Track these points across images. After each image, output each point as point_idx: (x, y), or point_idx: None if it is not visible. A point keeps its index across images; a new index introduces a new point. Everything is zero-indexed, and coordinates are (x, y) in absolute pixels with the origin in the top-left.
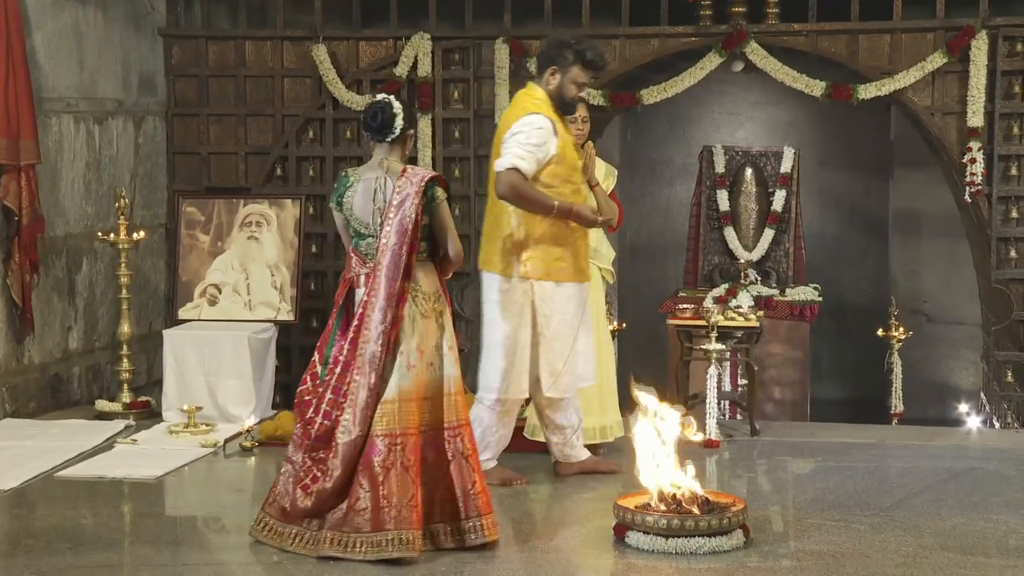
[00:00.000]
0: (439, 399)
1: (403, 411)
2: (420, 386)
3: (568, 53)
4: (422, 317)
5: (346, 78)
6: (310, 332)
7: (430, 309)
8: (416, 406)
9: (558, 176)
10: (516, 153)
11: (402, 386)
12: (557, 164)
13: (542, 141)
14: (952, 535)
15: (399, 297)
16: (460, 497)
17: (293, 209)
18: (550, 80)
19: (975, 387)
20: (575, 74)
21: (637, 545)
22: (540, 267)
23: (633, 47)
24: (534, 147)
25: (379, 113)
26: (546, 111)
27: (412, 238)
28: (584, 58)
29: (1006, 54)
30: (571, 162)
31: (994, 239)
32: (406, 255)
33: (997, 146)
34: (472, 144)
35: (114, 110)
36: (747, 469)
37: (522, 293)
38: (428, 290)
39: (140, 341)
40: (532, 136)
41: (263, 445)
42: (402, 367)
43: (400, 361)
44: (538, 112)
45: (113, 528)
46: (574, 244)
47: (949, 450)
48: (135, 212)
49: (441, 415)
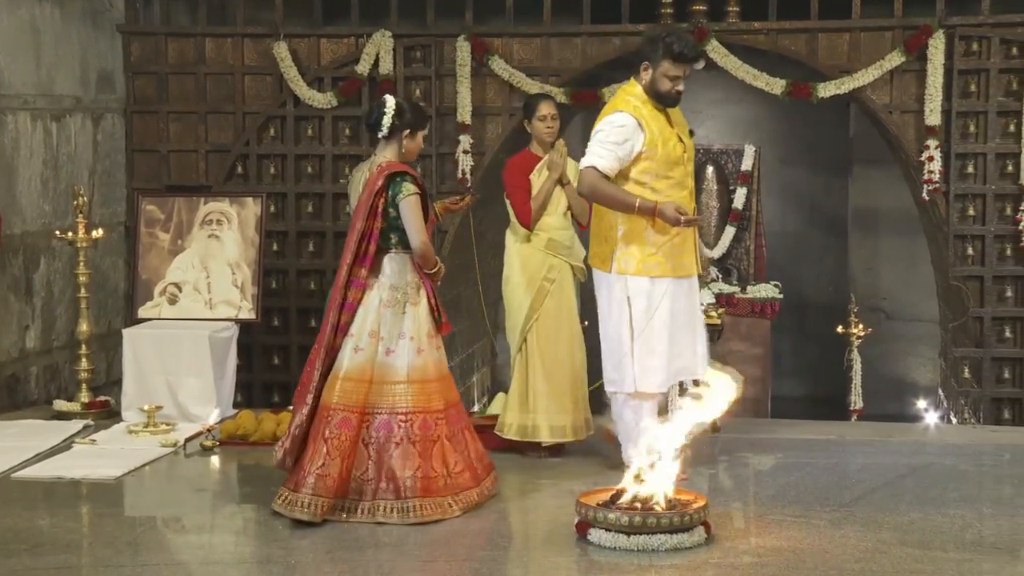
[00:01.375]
0: (390, 385)
1: (344, 389)
2: (365, 370)
3: (658, 47)
4: (384, 305)
5: (307, 76)
6: (271, 331)
7: (395, 298)
8: (362, 387)
9: (650, 172)
10: (595, 152)
11: (347, 366)
12: (647, 160)
13: (622, 139)
14: (910, 530)
15: (352, 281)
16: (403, 478)
17: (254, 207)
18: (643, 76)
19: (933, 383)
20: (665, 68)
21: (599, 542)
22: (632, 262)
23: (595, 45)
24: (614, 145)
25: (373, 111)
26: (632, 108)
27: (366, 227)
28: (672, 51)
29: (962, 53)
30: (666, 157)
31: (951, 236)
32: (356, 242)
33: (954, 144)
34: (434, 142)
35: (72, 107)
36: (708, 466)
37: (620, 288)
38: (396, 280)
39: (99, 340)
40: (612, 134)
41: (224, 444)
42: (348, 348)
43: (348, 343)
44: (623, 110)
45: (71, 529)
46: (671, 239)
47: (907, 446)
48: (94, 210)
49: (394, 400)
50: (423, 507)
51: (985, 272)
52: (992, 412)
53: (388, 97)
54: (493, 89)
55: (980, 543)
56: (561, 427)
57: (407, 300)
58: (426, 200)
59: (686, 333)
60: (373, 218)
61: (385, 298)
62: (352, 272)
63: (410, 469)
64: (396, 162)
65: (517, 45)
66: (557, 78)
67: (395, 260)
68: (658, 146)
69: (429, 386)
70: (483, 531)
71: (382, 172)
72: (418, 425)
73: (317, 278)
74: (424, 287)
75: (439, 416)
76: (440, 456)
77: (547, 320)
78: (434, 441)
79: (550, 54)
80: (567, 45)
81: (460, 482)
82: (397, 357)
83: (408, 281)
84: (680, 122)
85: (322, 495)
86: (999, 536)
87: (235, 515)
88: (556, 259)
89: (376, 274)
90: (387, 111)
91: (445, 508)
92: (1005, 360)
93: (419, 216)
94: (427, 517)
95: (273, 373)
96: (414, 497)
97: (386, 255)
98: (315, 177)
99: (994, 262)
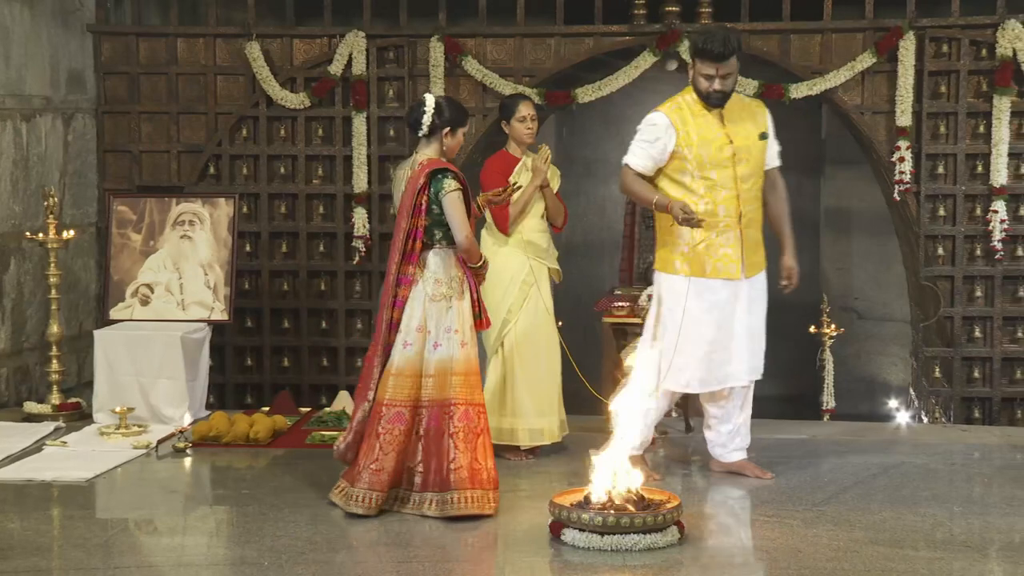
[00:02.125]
0: (443, 377)
1: (396, 384)
2: (415, 364)
3: (692, 48)
4: (431, 300)
5: (280, 76)
6: (244, 332)
7: (440, 294)
8: (412, 381)
9: (684, 171)
10: (631, 150)
11: (397, 362)
12: (680, 159)
13: (654, 138)
14: (882, 529)
15: (400, 278)
16: (445, 470)
17: (227, 208)
18: (689, 76)
19: (904, 383)
20: (699, 67)
21: (573, 543)
22: (667, 261)
23: (568, 46)
24: (646, 143)
25: (412, 110)
26: (669, 108)
27: (411, 224)
28: (697, 49)
29: (933, 55)
30: (702, 158)
31: (922, 236)
32: (402, 240)
33: (925, 145)
34: (407, 142)
35: (42, 107)
36: (682, 466)
37: (656, 285)
38: (441, 275)
39: (70, 342)
40: (645, 133)
41: (196, 446)
42: (398, 344)
43: (399, 339)
44: (659, 109)
45: (42, 532)
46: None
47: (879, 445)
48: (65, 211)
49: (442, 392)
50: (465, 499)
51: (955, 272)
52: (962, 411)
53: (428, 96)
54: (466, 89)
55: (951, 541)
56: (539, 430)
57: (453, 295)
58: (468, 195)
59: (730, 339)
60: (417, 216)
61: (431, 293)
62: (401, 270)
63: (456, 460)
64: (437, 159)
65: (490, 46)
66: (530, 79)
67: (440, 256)
68: (693, 146)
69: (472, 378)
70: (457, 532)
71: (424, 170)
72: (461, 416)
73: (290, 279)
74: (468, 282)
75: (480, 409)
76: (484, 448)
77: (524, 323)
78: (478, 433)
79: (523, 55)
80: (540, 45)
81: (495, 478)
82: (444, 350)
83: (453, 276)
84: (745, 123)
85: (376, 489)
86: (969, 534)
87: (208, 517)
88: (535, 261)
89: (422, 270)
90: (427, 110)
91: (484, 503)
92: (975, 360)
93: (462, 211)
94: (467, 510)
95: (246, 374)
96: (459, 489)
97: (431, 251)
98: (288, 178)
99: (964, 262)
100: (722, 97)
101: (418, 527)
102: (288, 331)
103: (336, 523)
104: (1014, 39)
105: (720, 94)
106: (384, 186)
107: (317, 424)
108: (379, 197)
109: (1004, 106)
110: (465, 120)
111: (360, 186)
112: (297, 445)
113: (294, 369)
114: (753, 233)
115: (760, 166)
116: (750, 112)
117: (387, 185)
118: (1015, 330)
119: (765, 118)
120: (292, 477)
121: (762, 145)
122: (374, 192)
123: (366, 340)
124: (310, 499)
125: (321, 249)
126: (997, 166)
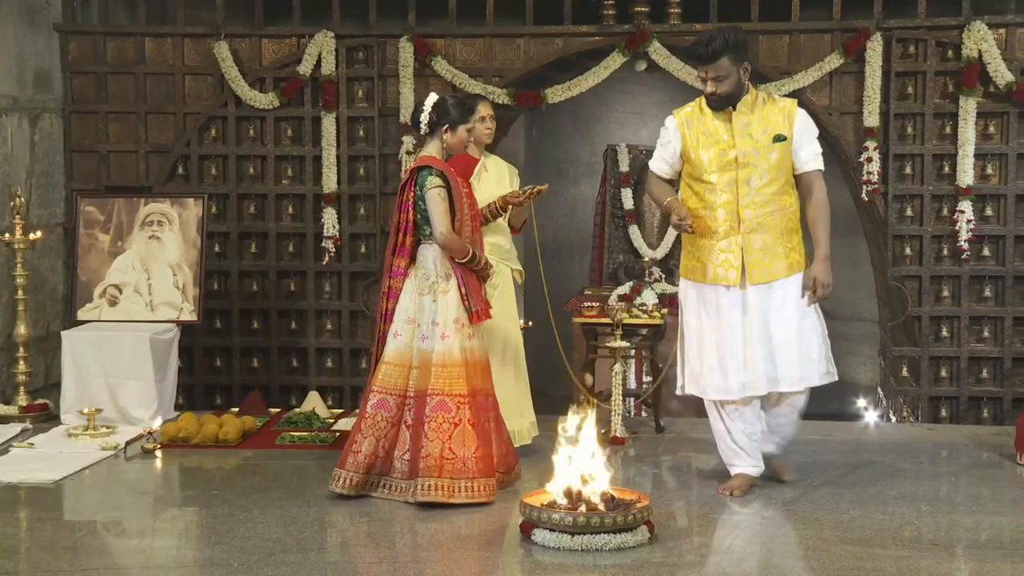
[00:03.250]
0: (425, 368)
1: (384, 372)
2: (404, 355)
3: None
4: (418, 294)
5: (249, 76)
6: (213, 332)
7: (427, 287)
8: (400, 371)
9: (689, 174)
10: (653, 153)
11: (387, 351)
12: (687, 162)
13: (666, 141)
14: (851, 527)
15: (392, 272)
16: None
17: (196, 208)
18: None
19: (873, 382)
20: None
21: (543, 543)
22: (681, 266)
23: (537, 46)
24: (660, 147)
25: (415, 109)
26: (680, 111)
27: (401, 219)
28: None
29: (900, 56)
30: (700, 162)
31: (890, 236)
32: (393, 232)
33: (892, 145)
34: (377, 143)
35: (8, 107)
36: (652, 466)
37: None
38: (428, 269)
39: (37, 343)
40: (660, 137)
41: (165, 447)
42: (391, 335)
43: (391, 329)
44: (673, 112)
45: (8, 534)
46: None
47: (848, 444)
48: (31, 211)
49: (424, 383)
50: (429, 487)
51: (923, 272)
52: (930, 410)
53: (432, 94)
54: (436, 89)
55: (919, 540)
56: (510, 432)
57: (437, 289)
58: (453, 193)
59: (741, 347)
60: (405, 211)
61: (419, 286)
62: (392, 263)
63: (425, 448)
64: (431, 156)
65: (460, 46)
66: (500, 79)
67: (428, 250)
68: (696, 149)
69: (452, 370)
70: (427, 531)
71: (412, 167)
72: (436, 406)
73: (259, 279)
74: (455, 276)
75: (461, 400)
76: (461, 438)
77: (490, 325)
78: (455, 424)
79: (493, 55)
80: (510, 46)
81: (477, 468)
82: (429, 342)
83: (440, 271)
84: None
85: (352, 470)
86: (937, 533)
87: (176, 518)
88: (499, 264)
89: (413, 263)
90: (425, 108)
91: (453, 491)
92: (942, 359)
93: (440, 208)
94: (430, 497)
95: (215, 375)
96: (425, 476)
97: (422, 245)
98: (257, 178)
99: (931, 262)
100: (719, 100)
101: (388, 528)
102: (257, 332)
103: (306, 524)
104: (980, 40)
105: (715, 96)
106: (353, 186)
107: (287, 425)
108: (348, 197)
109: (970, 107)
110: (466, 117)
111: (329, 186)
112: (267, 446)
113: (263, 370)
114: (763, 238)
115: (776, 169)
116: (772, 113)
117: (356, 185)
118: (982, 329)
119: (792, 119)
120: (262, 478)
121: (779, 148)
122: (343, 192)
123: (336, 340)
124: (280, 500)
125: (291, 249)
126: (963, 167)
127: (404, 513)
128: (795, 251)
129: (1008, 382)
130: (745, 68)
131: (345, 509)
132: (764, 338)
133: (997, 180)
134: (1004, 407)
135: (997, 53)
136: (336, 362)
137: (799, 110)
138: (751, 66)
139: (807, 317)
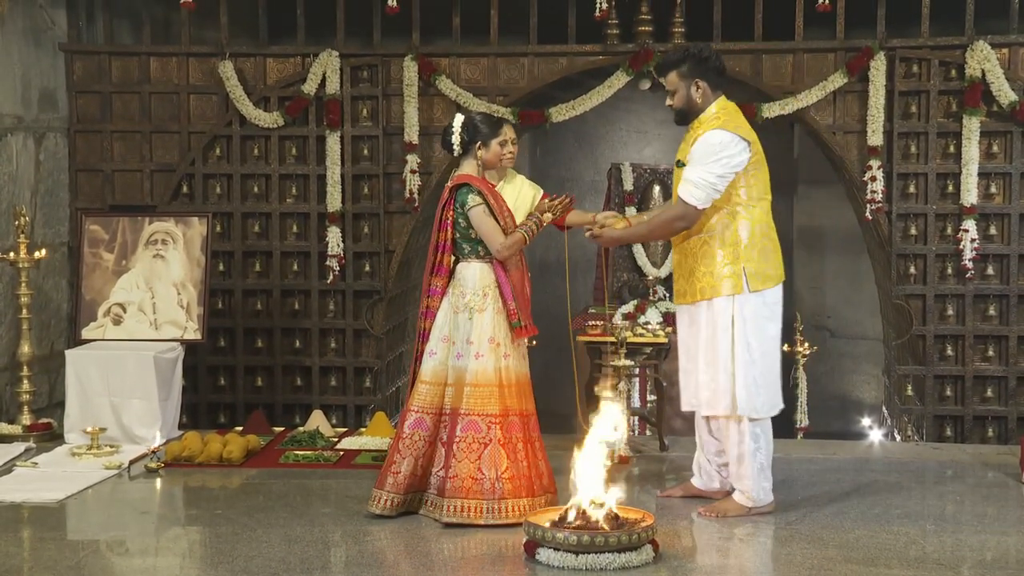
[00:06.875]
0: (459, 387)
1: (420, 392)
2: (439, 373)
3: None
4: (454, 312)
5: (253, 95)
6: (217, 351)
7: (463, 305)
8: (436, 390)
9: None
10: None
11: (423, 370)
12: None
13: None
14: (855, 547)
15: (429, 291)
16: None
17: (200, 227)
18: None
19: (877, 401)
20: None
21: (547, 562)
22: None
23: (541, 65)
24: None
25: (444, 133)
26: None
27: (439, 238)
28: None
29: (903, 75)
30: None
31: (894, 255)
32: (431, 252)
33: (896, 164)
34: (381, 162)
35: (13, 126)
36: (656, 484)
37: None
38: (466, 287)
39: (41, 362)
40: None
41: (169, 466)
42: (426, 353)
43: (427, 348)
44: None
45: (12, 554)
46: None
47: (852, 463)
48: (36, 230)
49: (459, 402)
50: (455, 508)
51: (927, 290)
52: (935, 429)
53: (458, 115)
54: (440, 108)
55: (924, 559)
56: None
57: (474, 307)
58: (495, 207)
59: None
60: (443, 230)
61: (455, 304)
62: (430, 282)
63: (453, 468)
64: (468, 175)
65: (464, 65)
66: (504, 98)
67: (467, 268)
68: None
69: (484, 389)
70: (431, 551)
71: (449, 186)
72: (466, 426)
73: (263, 298)
74: (502, 293)
75: (492, 420)
76: (491, 460)
77: None
78: (485, 444)
79: (497, 74)
80: (514, 65)
81: (505, 489)
82: (463, 360)
83: (476, 289)
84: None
85: (392, 491)
86: (942, 552)
87: (180, 538)
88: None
89: (451, 282)
90: (454, 130)
91: (479, 513)
92: (947, 378)
93: (489, 224)
94: (456, 519)
95: (219, 394)
96: (453, 497)
97: (460, 264)
98: (261, 197)
99: (936, 281)
100: (676, 115)
101: (392, 547)
102: (261, 350)
103: (310, 543)
104: (983, 60)
105: (673, 111)
106: (357, 205)
107: (291, 444)
108: (352, 216)
109: (973, 126)
110: (497, 131)
111: (334, 205)
112: (271, 465)
113: (267, 388)
114: (680, 260)
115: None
116: (695, 137)
117: (360, 204)
118: (986, 348)
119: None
120: (265, 497)
121: (678, 172)
122: (348, 211)
123: (340, 359)
124: (283, 519)
125: (295, 268)
126: (967, 185)
127: (409, 532)
128: (709, 275)
129: (1013, 401)
130: (697, 85)
131: (349, 528)
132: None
133: (1001, 199)
134: (1009, 426)
135: (1000, 72)
136: (340, 381)
137: (706, 134)
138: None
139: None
